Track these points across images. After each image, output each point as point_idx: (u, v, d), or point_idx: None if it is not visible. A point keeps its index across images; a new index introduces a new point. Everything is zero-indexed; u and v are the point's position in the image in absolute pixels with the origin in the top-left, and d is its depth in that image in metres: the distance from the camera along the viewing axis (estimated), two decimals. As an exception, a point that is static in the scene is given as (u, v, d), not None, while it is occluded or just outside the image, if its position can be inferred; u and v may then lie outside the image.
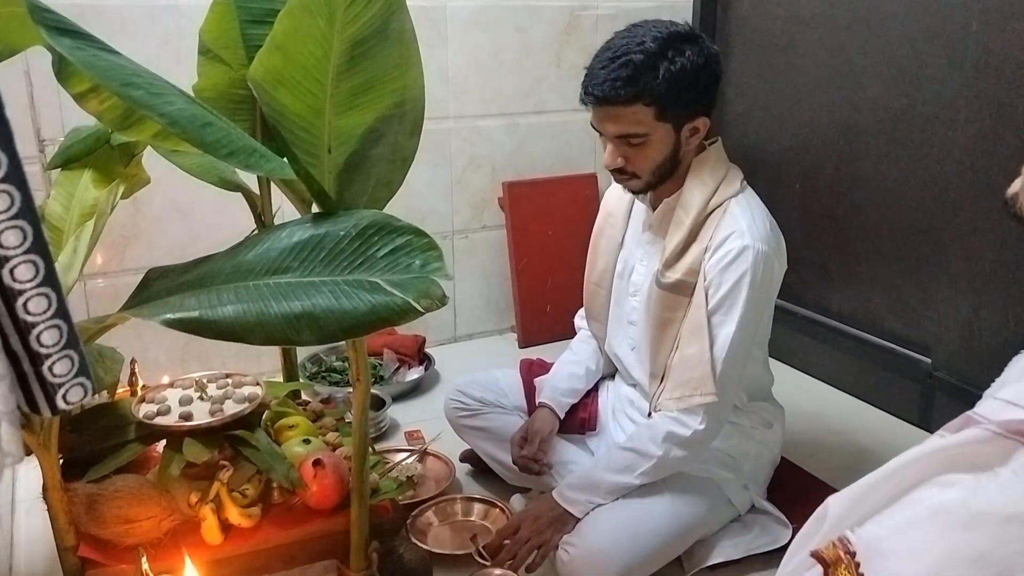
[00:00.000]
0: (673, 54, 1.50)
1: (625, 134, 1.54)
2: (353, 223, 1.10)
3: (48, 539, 1.35)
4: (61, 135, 2.02)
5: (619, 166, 1.58)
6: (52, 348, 0.52)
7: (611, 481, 1.60)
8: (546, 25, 2.72)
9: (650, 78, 1.49)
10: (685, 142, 1.58)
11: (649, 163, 1.57)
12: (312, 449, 1.50)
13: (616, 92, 1.50)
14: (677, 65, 1.49)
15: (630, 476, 1.59)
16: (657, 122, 1.53)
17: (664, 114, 1.52)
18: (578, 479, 1.64)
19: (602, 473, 1.61)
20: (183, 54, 1.94)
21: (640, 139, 1.54)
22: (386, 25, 1.13)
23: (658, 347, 1.64)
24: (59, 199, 1.47)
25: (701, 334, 1.55)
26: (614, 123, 1.54)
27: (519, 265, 2.78)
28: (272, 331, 1.01)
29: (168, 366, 2.28)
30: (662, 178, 1.61)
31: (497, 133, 2.76)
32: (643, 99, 1.50)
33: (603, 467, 1.63)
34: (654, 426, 1.60)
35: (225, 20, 1.53)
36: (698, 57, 1.51)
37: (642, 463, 1.58)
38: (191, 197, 2.28)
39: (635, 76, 1.48)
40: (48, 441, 1.25)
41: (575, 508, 1.59)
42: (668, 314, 1.61)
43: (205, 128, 1.03)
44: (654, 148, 1.56)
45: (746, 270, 1.52)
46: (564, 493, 1.61)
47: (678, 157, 1.59)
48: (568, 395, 1.88)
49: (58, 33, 0.99)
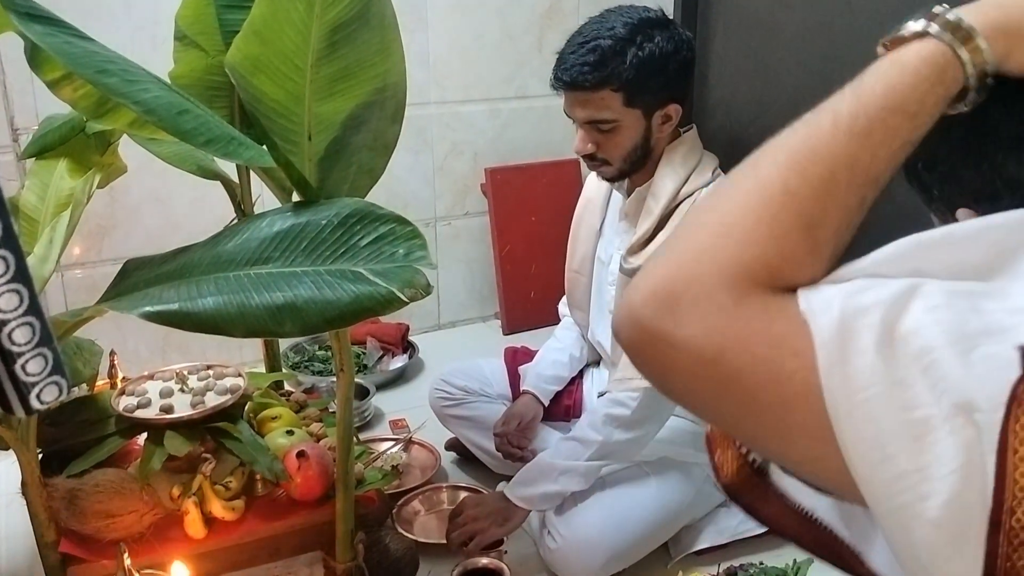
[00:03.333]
0: (642, 40, 1.50)
1: (594, 120, 1.54)
2: (335, 212, 1.08)
3: (28, 535, 1.33)
4: (35, 123, 1.98)
5: (589, 152, 1.58)
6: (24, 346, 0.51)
7: (559, 467, 1.58)
8: (527, 9, 2.70)
9: (617, 63, 1.48)
10: (657, 129, 1.57)
11: (620, 150, 1.57)
12: (296, 440, 1.48)
13: (584, 77, 1.50)
14: (645, 51, 1.49)
15: (575, 462, 1.57)
16: (626, 108, 1.52)
17: (633, 100, 1.52)
18: (526, 471, 1.63)
19: (550, 461, 1.60)
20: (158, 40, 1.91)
21: (609, 125, 1.54)
22: (366, 10, 1.11)
23: None
24: (34, 189, 1.45)
25: None
26: (583, 108, 1.54)
27: (502, 252, 2.77)
28: (254, 323, 0.99)
29: (148, 358, 2.25)
30: (634, 165, 1.61)
31: (479, 119, 2.74)
32: (610, 84, 1.50)
33: (549, 456, 1.62)
34: (594, 411, 1.60)
35: (201, 5, 1.51)
36: (667, 43, 1.51)
37: (585, 450, 1.57)
38: (169, 186, 2.26)
39: (602, 61, 1.48)
40: (26, 436, 1.23)
41: (520, 501, 1.58)
42: None
43: (182, 116, 1.01)
44: (624, 135, 1.55)
45: None
46: (511, 486, 1.61)
47: (650, 144, 1.59)
48: (552, 382, 1.87)
49: (29, 19, 0.97)
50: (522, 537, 1.70)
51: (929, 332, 0.47)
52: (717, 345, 0.52)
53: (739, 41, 2.64)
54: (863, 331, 0.48)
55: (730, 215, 0.56)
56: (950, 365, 0.46)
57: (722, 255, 0.55)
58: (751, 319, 0.53)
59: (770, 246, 0.55)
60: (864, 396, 0.48)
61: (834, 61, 2.33)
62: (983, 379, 0.45)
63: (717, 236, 0.56)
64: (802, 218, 0.55)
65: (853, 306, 0.50)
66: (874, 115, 0.55)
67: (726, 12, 2.68)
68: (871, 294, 0.50)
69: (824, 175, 0.55)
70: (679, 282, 0.54)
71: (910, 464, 0.46)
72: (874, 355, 0.48)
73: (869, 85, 0.57)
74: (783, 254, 0.55)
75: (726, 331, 0.52)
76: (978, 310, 0.47)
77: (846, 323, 0.49)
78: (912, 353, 0.47)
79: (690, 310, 0.53)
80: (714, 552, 1.66)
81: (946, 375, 0.46)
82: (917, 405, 0.46)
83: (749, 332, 0.52)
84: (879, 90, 0.56)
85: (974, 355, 0.45)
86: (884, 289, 0.50)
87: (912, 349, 0.47)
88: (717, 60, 2.71)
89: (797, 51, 2.44)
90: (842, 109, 0.56)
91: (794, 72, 2.46)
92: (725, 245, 0.55)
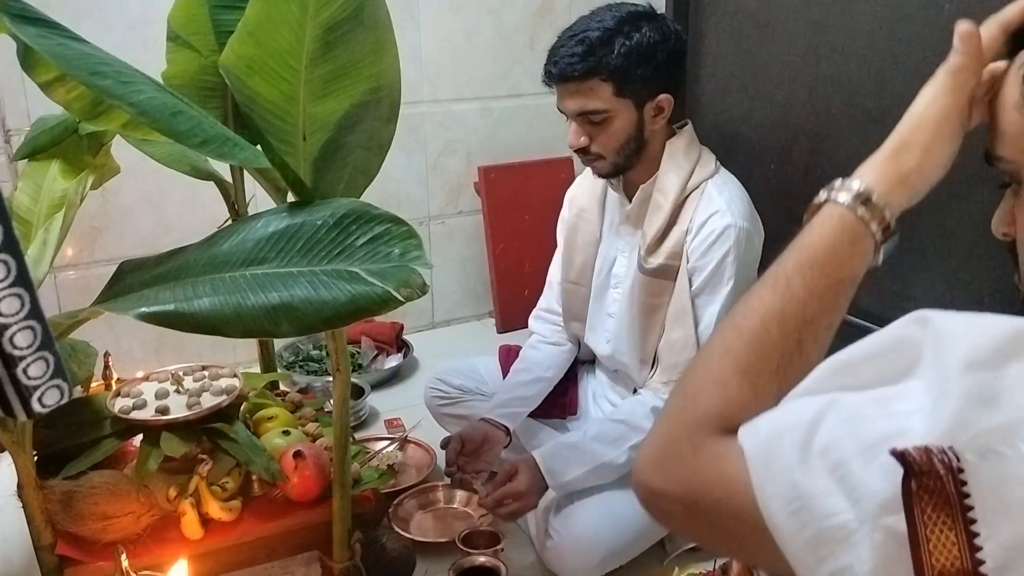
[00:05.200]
0: (629, 29, 1.51)
1: (585, 111, 1.55)
2: (330, 212, 1.08)
3: (25, 537, 1.33)
4: (27, 125, 1.98)
5: (583, 145, 1.58)
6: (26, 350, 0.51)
7: (599, 452, 1.57)
8: (519, 8, 2.70)
9: (605, 52, 1.50)
10: (649, 121, 1.57)
11: (613, 142, 1.57)
12: (292, 440, 1.48)
13: (572, 68, 1.51)
14: (633, 40, 1.51)
15: (618, 450, 1.57)
16: (616, 98, 1.53)
17: (623, 89, 1.52)
18: (565, 447, 1.61)
19: (591, 443, 1.59)
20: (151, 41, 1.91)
21: (600, 115, 1.54)
22: (360, 10, 1.11)
23: (646, 333, 1.64)
24: (27, 191, 1.44)
25: (685, 318, 1.55)
26: (573, 99, 1.55)
27: (496, 250, 2.77)
28: (250, 323, 0.99)
29: (143, 358, 2.25)
30: (628, 159, 1.61)
31: (472, 117, 2.74)
32: (599, 74, 1.51)
33: (592, 437, 1.60)
34: (644, 401, 1.60)
35: (194, 6, 1.50)
36: (655, 33, 1.53)
37: (633, 436, 1.57)
38: (162, 186, 2.25)
39: (590, 51, 1.50)
40: (22, 438, 1.23)
41: (549, 476, 1.57)
42: (654, 300, 1.61)
43: (176, 117, 1.01)
44: (616, 126, 1.56)
45: (729, 248, 1.52)
46: (545, 460, 1.59)
47: (643, 137, 1.59)
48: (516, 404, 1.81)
49: (22, 21, 0.96)
50: (519, 535, 1.71)
51: (842, 446, 0.52)
52: (690, 493, 0.62)
53: (731, 39, 2.64)
54: (785, 451, 0.55)
55: (690, 378, 0.69)
56: (859, 475, 0.51)
57: (685, 413, 0.66)
58: (705, 466, 0.62)
59: (716, 396, 0.65)
60: (794, 507, 0.53)
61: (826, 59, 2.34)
62: (885, 484, 0.50)
63: (683, 397, 0.68)
64: (740, 367, 0.66)
65: (777, 429, 0.57)
66: (792, 271, 0.67)
67: (718, 10, 2.68)
68: (792, 415, 0.57)
69: (756, 328, 0.66)
70: (663, 445, 0.66)
71: (838, 564, 0.52)
72: (796, 471, 0.54)
73: (788, 249, 0.69)
74: (728, 401, 0.65)
75: (691, 480, 0.62)
76: (886, 414, 0.52)
77: (771, 446, 0.56)
78: (828, 467, 0.52)
79: (669, 466, 0.64)
80: (710, 548, 1.66)
81: (856, 484, 0.51)
82: (836, 512, 0.52)
83: (705, 478, 0.61)
84: (794, 249, 0.69)
85: (875, 463, 0.51)
86: (806, 408, 0.56)
87: (828, 463, 0.53)
88: (709, 58, 2.71)
89: (789, 49, 2.44)
90: (769, 272, 0.69)
91: (786, 70, 2.47)
92: (684, 404, 0.67)
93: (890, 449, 0.50)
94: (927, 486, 0.48)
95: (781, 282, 0.67)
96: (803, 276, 0.67)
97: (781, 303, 0.66)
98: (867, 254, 0.69)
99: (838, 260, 0.67)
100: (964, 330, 0.52)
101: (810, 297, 0.66)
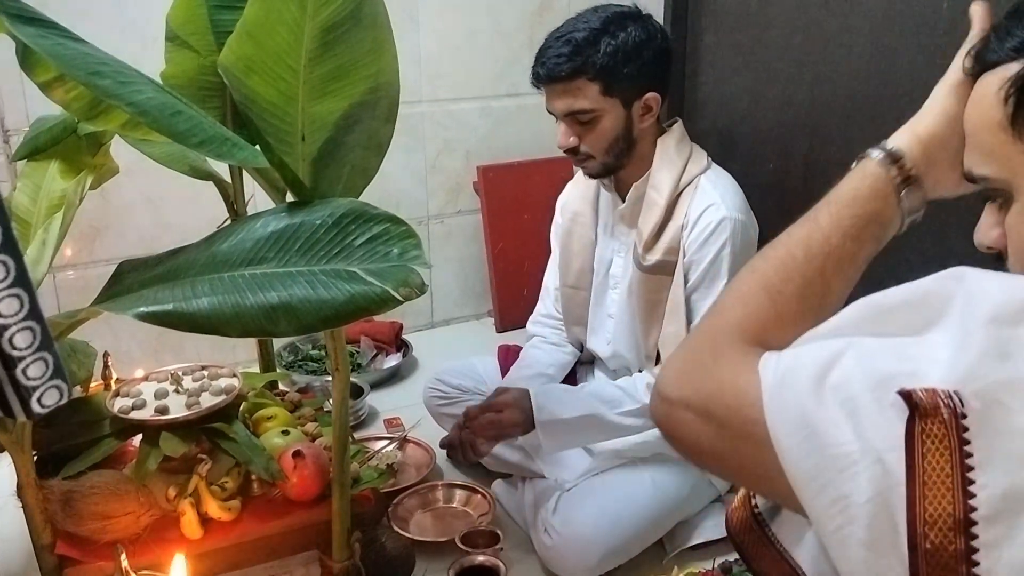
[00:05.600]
0: (615, 29, 1.54)
1: (573, 111, 1.57)
2: (329, 212, 1.08)
3: (24, 537, 1.33)
4: (26, 125, 1.98)
5: (572, 146, 1.59)
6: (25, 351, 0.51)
7: (593, 405, 1.59)
8: (518, 7, 2.70)
9: (591, 52, 1.52)
10: (638, 120, 1.59)
11: (602, 142, 1.58)
12: (291, 440, 1.48)
13: (559, 68, 1.53)
14: (618, 39, 1.53)
15: (611, 410, 1.59)
16: (604, 97, 1.55)
17: (610, 88, 1.54)
18: (561, 390, 1.64)
19: (587, 396, 1.61)
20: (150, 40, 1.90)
21: (588, 115, 1.56)
22: (359, 9, 1.11)
23: (648, 330, 1.65)
24: (26, 191, 1.44)
25: (679, 312, 1.56)
26: (561, 100, 1.57)
27: (495, 249, 2.77)
28: (249, 323, 0.99)
29: (142, 358, 2.25)
30: (618, 158, 1.62)
31: (471, 116, 2.74)
32: (586, 73, 1.53)
33: (588, 392, 1.63)
34: (642, 376, 1.64)
35: (192, 6, 1.50)
36: (640, 32, 1.55)
37: (628, 402, 1.59)
38: (161, 186, 2.25)
39: (576, 51, 1.52)
40: (22, 438, 1.23)
41: (539, 412, 1.59)
42: (654, 296, 1.62)
43: (175, 117, 1.01)
44: (605, 125, 1.57)
45: (726, 240, 1.54)
46: (539, 395, 1.61)
47: (632, 136, 1.60)
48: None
49: (21, 21, 0.96)
50: (518, 534, 1.71)
51: (854, 381, 0.55)
52: (704, 399, 0.66)
53: (729, 38, 2.64)
54: (801, 381, 0.58)
55: (720, 298, 0.77)
56: (868, 410, 0.53)
57: (710, 327, 0.72)
58: (723, 373, 0.66)
59: (739, 310, 0.72)
60: (802, 435, 0.56)
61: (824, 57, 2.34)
62: (892, 422, 0.52)
63: (710, 315, 0.75)
64: (763, 285, 0.73)
65: (798, 363, 0.60)
66: (820, 207, 0.76)
67: (716, 8, 2.68)
68: (813, 352, 0.59)
69: (782, 253, 0.74)
70: (686, 356, 0.72)
71: (838, 492, 0.54)
72: (808, 400, 0.56)
73: (826, 195, 0.77)
74: (749, 316, 0.71)
75: (707, 386, 0.66)
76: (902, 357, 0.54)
77: (787, 375, 0.59)
78: (839, 400, 0.55)
79: (689, 375, 0.69)
80: (709, 547, 1.66)
81: (863, 419, 0.53)
82: (842, 443, 0.54)
83: (720, 385, 0.65)
84: (829, 193, 0.77)
85: (885, 400, 0.53)
86: (826, 347, 0.59)
87: (840, 396, 0.55)
88: (707, 56, 2.71)
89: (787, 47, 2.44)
90: (805, 214, 0.77)
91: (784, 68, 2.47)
92: (711, 320, 0.74)
93: (898, 389, 0.52)
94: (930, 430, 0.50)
95: (809, 216, 0.75)
96: (828, 211, 0.75)
97: (807, 232, 0.74)
98: (887, 196, 0.76)
99: (860, 198, 0.75)
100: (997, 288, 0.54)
101: (834, 228, 0.73)
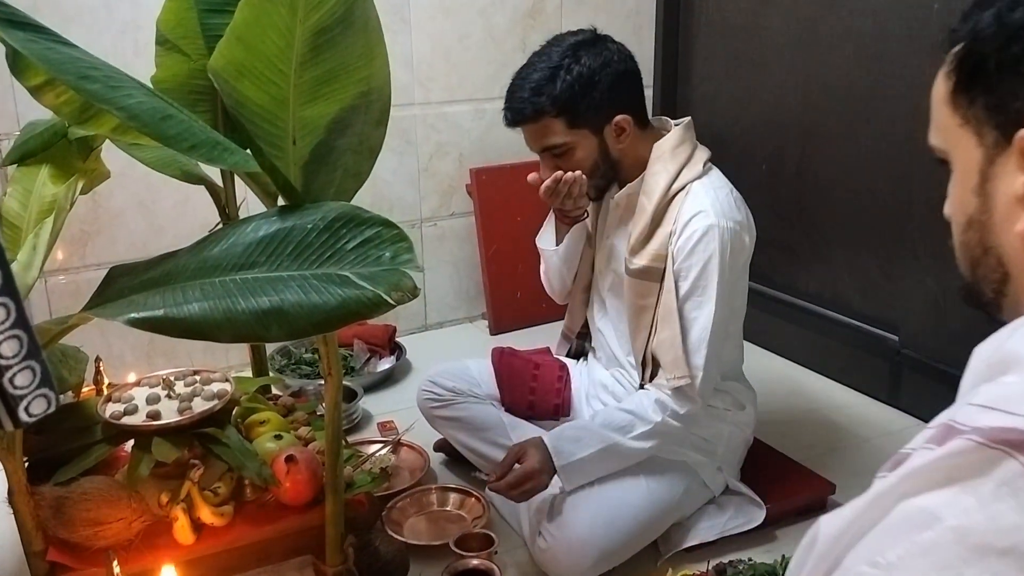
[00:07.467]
0: (569, 63, 1.56)
1: (546, 147, 1.61)
2: (321, 216, 1.08)
3: (15, 544, 1.32)
4: (16, 129, 1.97)
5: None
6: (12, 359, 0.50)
7: (607, 436, 1.57)
8: (510, 9, 2.70)
9: (550, 89, 1.55)
10: (613, 142, 1.61)
11: (583, 169, 1.61)
12: (284, 445, 1.48)
13: (523, 110, 1.58)
14: (573, 72, 1.55)
15: (625, 436, 1.57)
16: (572, 130, 1.58)
17: (575, 121, 1.57)
18: (571, 429, 1.62)
19: (598, 428, 1.59)
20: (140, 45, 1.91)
21: (561, 149, 1.59)
22: (350, 13, 1.11)
23: (636, 334, 1.65)
24: (16, 196, 1.43)
25: (672, 319, 1.55)
26: (533, 139, 1.62)
27: (488, 252, 2.77)
28: (240, 328, 0.99)
29: (134, 363, 2.24)
30: (605, 178, 1.66)
31: (463, 119, 2.74)
32: (548, 112, 1.56)
33: (599, 423, 1.61)
34: (648, 394, 1.60)
35: (183, 10, 1.50)
36: (594, 60, 1.56)
37: (639, 425, 1.57)
38: (152, 190, 2.25)
39: (536, 92, 1.56)
40: (12, 445, 1.23)
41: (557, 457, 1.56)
42: (641, 301, 1.62)
43: (166, 121, 1.01)
44: (580, 155, 1.60)
45: (714, 250, 1.53)
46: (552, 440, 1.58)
47: (611, 158, 1.63)
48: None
49: (11, 26, 0.96)
50: (512, 537, 1.71)
51: None
52: None
53: (722, 41, 2.65)
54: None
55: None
56: None
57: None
58: None
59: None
60: None
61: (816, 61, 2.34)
62: None
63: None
64: None
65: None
66: None
67: (708, 13, 2.69)
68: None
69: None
70: None
71: None
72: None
73: None
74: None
75: None
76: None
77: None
78: None
79: None
80: (704, 549, 1.66)
81: None
82: None
83: None
84: None
85: None
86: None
87: None
88: (700, 60, 2.72)
89: (779, 51, 2.45)
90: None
91: (776, 71, 2.48)
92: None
93: None
94: None
95: None
96: None
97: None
98: None
99: None
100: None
101: None
